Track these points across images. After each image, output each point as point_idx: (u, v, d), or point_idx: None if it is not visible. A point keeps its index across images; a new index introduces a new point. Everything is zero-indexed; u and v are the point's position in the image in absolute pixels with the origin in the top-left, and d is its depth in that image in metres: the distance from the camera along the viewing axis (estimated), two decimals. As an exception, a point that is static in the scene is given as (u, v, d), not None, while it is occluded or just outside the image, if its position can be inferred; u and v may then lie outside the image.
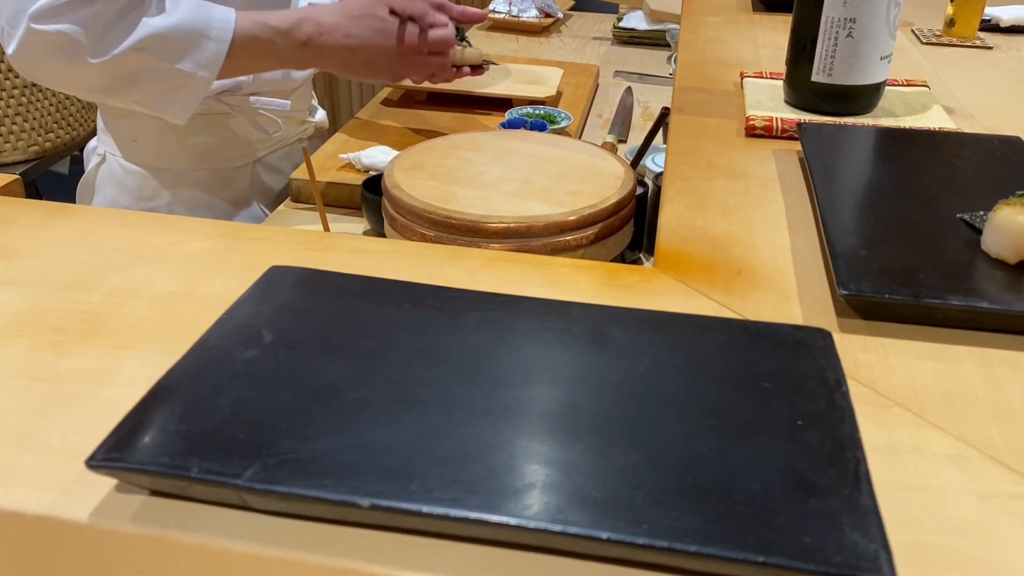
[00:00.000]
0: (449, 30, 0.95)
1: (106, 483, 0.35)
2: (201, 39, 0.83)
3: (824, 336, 0.42)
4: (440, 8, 0.97)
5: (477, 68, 1.07)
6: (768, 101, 0.77)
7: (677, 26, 1.62)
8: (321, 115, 1.20)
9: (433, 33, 0.94)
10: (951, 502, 0.36)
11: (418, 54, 0.94)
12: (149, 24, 0.81)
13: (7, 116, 1.84)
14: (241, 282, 0.46)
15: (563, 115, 1.17)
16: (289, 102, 1.07)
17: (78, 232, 0.56)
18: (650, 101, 1.39)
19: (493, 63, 1.24)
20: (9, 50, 0.80)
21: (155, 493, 0.35)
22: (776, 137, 0.72)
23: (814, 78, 0.74)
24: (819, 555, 0.30)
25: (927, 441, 0.39)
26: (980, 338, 0.46)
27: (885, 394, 0.42)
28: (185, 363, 0.39)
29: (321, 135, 1.22)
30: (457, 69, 1.02)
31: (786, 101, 0.77)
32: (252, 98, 1.04)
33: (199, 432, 0.35)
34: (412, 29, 0.92)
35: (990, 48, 1.02)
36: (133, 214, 0.59)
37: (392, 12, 0.92)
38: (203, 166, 1.05)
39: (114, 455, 0.34)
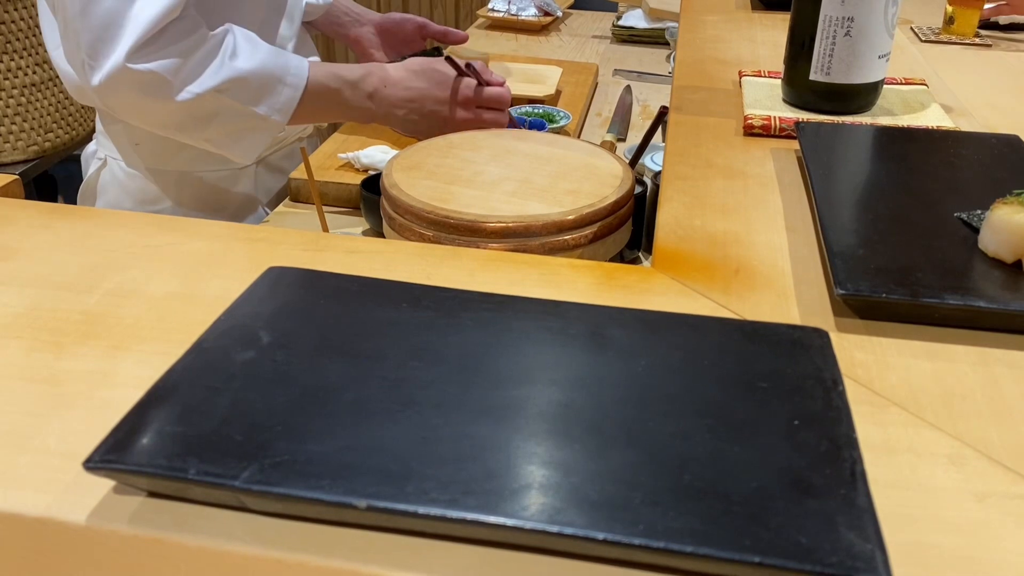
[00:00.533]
0: (505, 88, 0.99)
1: (104, 485, 0.35)
2: (278, 84, 0.87)
3: (821, 336, 0.42)
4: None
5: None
6: (766, 100, 0.77)
7: (676, 24, 1.61)
8: None
9: (489, 90, 0.98)
10: (948, 502, 0.36)
11: (473, 106, 0.98)
12: (232, 67, 0.84)
13: (6, 116, 1.84)
14: (239, 283, 0.46)
15: (562, 114, 1.17)
16: None
17: (76, 233, 0.56)
18: (649, 99, 1.39)
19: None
20: (93, 81, 0.81)
21: (153, 494, 0.35)
22: (774, 136, 0.72)
23: (812, 77, 0.74)
24: (815, 555, 0.30)
25: (924, 441, 0.39)
26: (977, 337, 0.46)
27: (882, 393, 0.42)
28: (183, 364, 0.39)
29: (321, 134, 1.22)
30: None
31: (784, 100, 0.77)
32: None
33: (196, 434, 0.35)
34: (468, 82, 0.96)
35: (989, 46, 1.02)
36: (131, 215, 0.59)
37: (453, 65, 0.96)
38: (205, 168, 1.05)
39: (112, 457, 0.34)
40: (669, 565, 0.31)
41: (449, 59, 0.96)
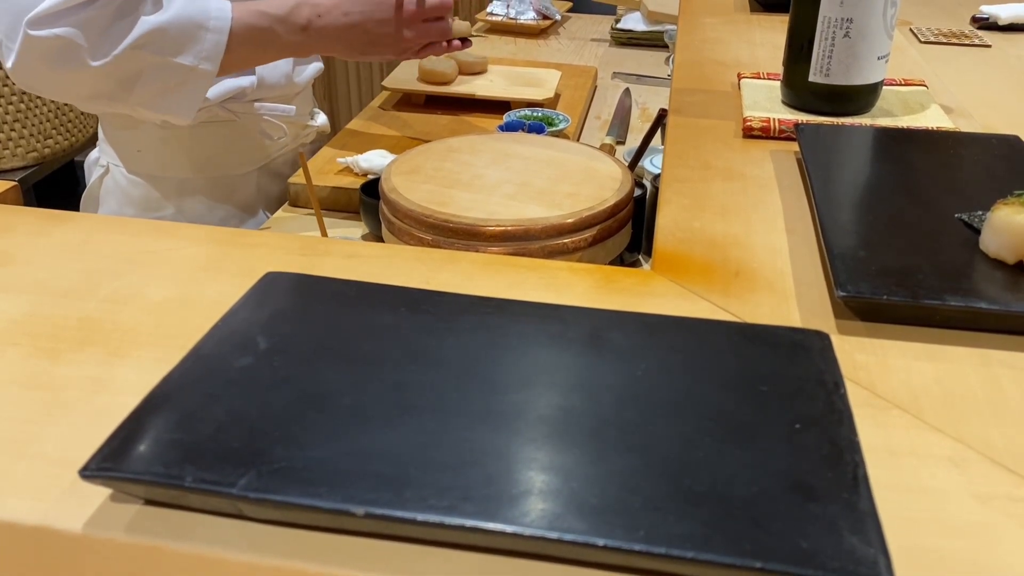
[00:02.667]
0: None
1: (100, 492, 0.35)
2: (200, 31, 0.82)
3: (822, 338, 0.42)
4: None
5: (464, 41, 1.07)
6: (765, 102, 0.77)
7: (675, 27, 1.61)
8: (322, 119, 1.20)
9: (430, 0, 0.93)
10: (950, 504, 0.35)
11: (417, 20, 0.94)
12: (146, 21, 0.80)
13: (5, 123, 1.84)
14: (236, 288, 0.46)
15: (561, 117, 1.17)
16: (294, 107, 1.07)
17: (74, 239, 0.55)
18: (648, 102, 1.39)
19: (479, 34, 1.22)
20: (8, 63, 0.79)
21: (150, 502, 0.34)
22: (774, 138, 0.72)
23: (811, 78, 0.73)
24: (817, 560, 0.30)
25: (926, 443, 0.39)
26: (979, 339, 0.46)
27: (883, 396, 0.42)
28: (180, 371, 0.39)
29: (323, 139, 1.22)
30: (448, 42, 1.02)
31: (783, 102, 0.77)
32: (257, 104, 1.04)
33: (193, 441, 0.35)
34: None
35: (988, 46, 1.01)
36: (129, 221, 0.59)
37: None
38: (208, 174, 1.04)
39: (108, 464, 0.33)
40: (670, 571, 0.31)
41: None
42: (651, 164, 1.04)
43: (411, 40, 0.95)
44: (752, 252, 0.54)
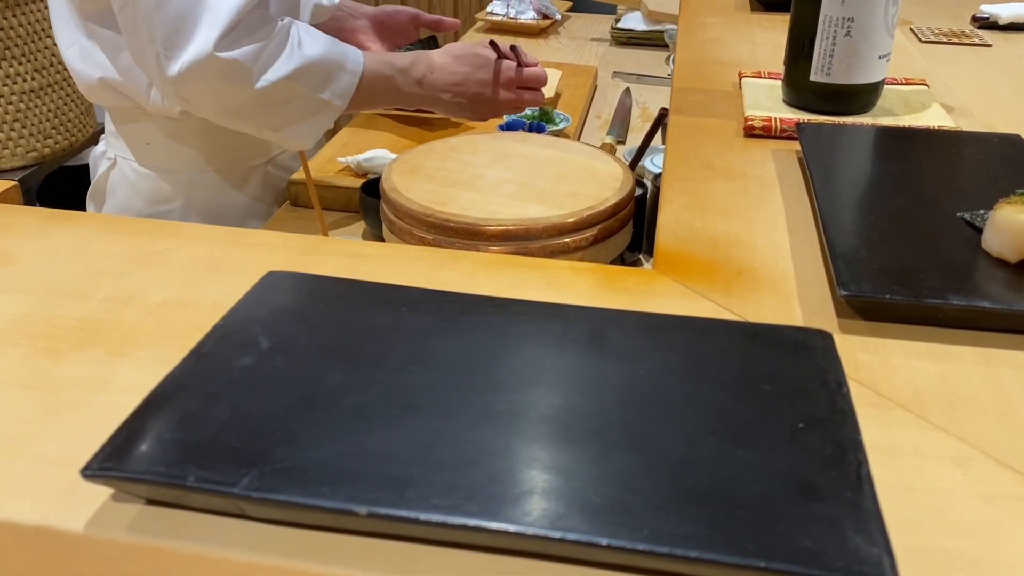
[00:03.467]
0: (541, 69, 1.03)
1: (102, 492, 0.35)
2: (339, 71, 0.90)
3: (824, 337, 0.42)
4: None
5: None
6: (767, 101, 0.77)
7: (675, 27, 1.61)
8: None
9: (528, 70, 1.02)
10: (954, 504, 0.35)
11: (515, 87, 1.01)
12: (302, 54, 0.86)
13: (5, 122, 1.84)
14: (238, 288, 0.46)
15: (561, 116, 1.17)
16: None
17: (74, 239, 0.55)
18: (648, 102, 1.39)
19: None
20: (171, 71, 0.82)
21: (151, 502, 0.34)
22: (775, 137, 0.72)
23: (812, 77, 0.73)
24: (821, 560, 0.30)
25: (929, 443, 0.39)
26: (982, 338, 0.46)
27: (886, 395, 0.42)
28: (181, 370, 0.39)
29: (327, 133, 1.22)
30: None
31: (785, 101, 0.77)
32: None
33: (195, 440, 0.35)
34: (509, 64, 1.00)
35: (989, 46, 1.01)
36: (130, 220, 0.59)
37: (495, 48, 1.00)
38: (217, 166, 1.05)
39: (110, 464, 0.33)
40: (673, 571, 0.31)
41: (492, 43, 1.00)
42: (652, 163, 1.04)
43: (506, 102, 1.02)
44: (754, 251, 0.54)
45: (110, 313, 0.48)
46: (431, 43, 1.19)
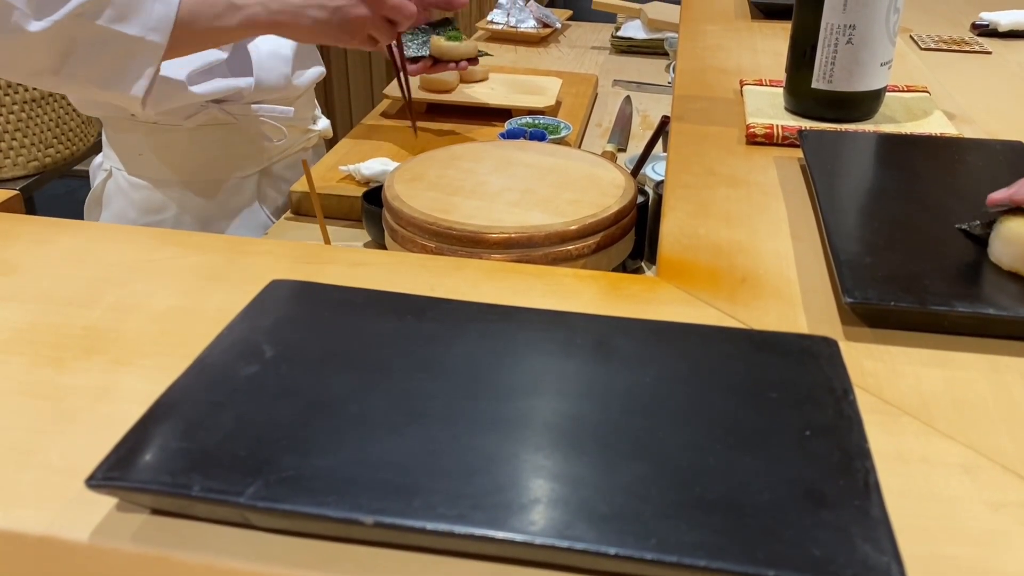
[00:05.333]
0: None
1: (107, 502, 0.35)
2: (145, 1, 0.80)
3: (830, 345, 0.42)
4: None
5: (473, 60, 1.09)
6: (768, 108, 0.77)
7: (675, 35, 1.62)
8: (324, 124, 1.20)
9: None
10: (963, 512, 0.35)
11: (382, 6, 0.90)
12: None
13: (7, 132, 1.84)
14: (241, 296, 0.46)
15: (563, 125, 1.17)
16: (292, 108, 1.07)
17: (78, 248, 0.55)
18: (649, 110, 1.39)
19: (488, 54, 1.24)
20: None
21: (156, 512, 0.34)
22: (777, 144, 0.72)
23: (814, 85, 0.73)
24: (830, 568, 0.30)
25: (937, 450, 0.39)
26: (988, 345, 0.46)
27: (893, 402, 0.42)
28: (185, 379, 0.39)
29: (326, 144, 1.22)
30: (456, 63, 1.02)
31: (786, 108, 0.77)
32: (255, 106, 1.05)
33: (200, 449, 0.34)
34: None
35: (989, 53, 1.02)
36: (132, 229, 0.59)
37: None
38: (209, 177, 1.05)
39: (114, 474, 0.33)
40: (682, 579, 0.31)
41: None
42: (653, 171, 1.04)
43: (376, 20, 0.90)
44: (758, 259, 0.54)
45: (114, 322, 0.47)
46: (448, 25, 1.08)
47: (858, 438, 0.36)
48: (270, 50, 1.04)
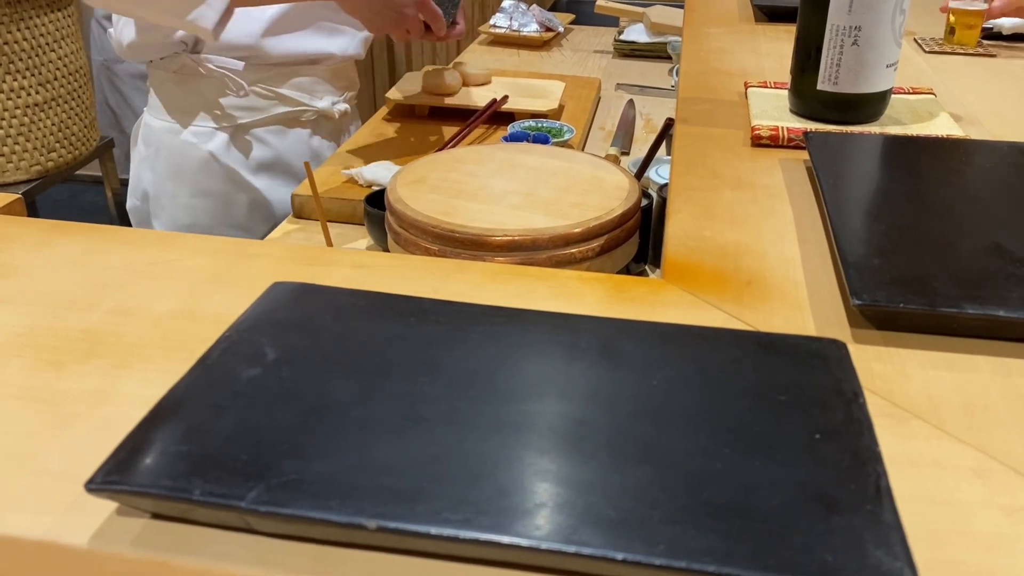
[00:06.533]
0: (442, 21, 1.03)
1: (106, 507, 0.34)
2: None
3: (839, 347, 0.41)
4: None
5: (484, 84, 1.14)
6: (773, 111, 0.77)
7: (678, 38, 1.61)
8: (340, 107, 1.19)
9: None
10: (975, 516, 0.34)
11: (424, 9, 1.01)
12: None
13: (9, 136, 1.84)
14: (243, 299, 0.45)
15: (566, 128, 1.17)
16: (243, 63, 1.11)
17: (78, 250, 0.55)
18: (652, 113, 1.38)
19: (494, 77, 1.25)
20: None
21: (157, 516, 0.34)
22: (782, 146, 0.72)
23: (820, 87, 0.73)
24: (842, 574, 0.29)
25: (948, 454, 0.38)
26: (999, 348, 0.45)
27: (903, 406, 0.41)
28: (186, 382, 0.38)
29: (329, 127, 1.21)
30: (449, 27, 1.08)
31: (791, 110, 0.77)
32: (204, 55, 1.11)
33: (201, 453, 0.34)
34: None
35: (993, 56, 1.01)
36: (133, 232, 0.59)
37: None
38: (191, 123, 1.13)
39: (114, 478, 0.33)
40: (690, 585, 0.30)
41: None
42: (656, 175, 1.03)
43: (412, 20, 1.00)
44: (764, 261, 0.54)
45: (114, 325, 0.47)
46: (451, 4, 1.11)
47: (869, 441, 0.35)
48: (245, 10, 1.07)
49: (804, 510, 0.32)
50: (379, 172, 1.03)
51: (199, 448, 0.34)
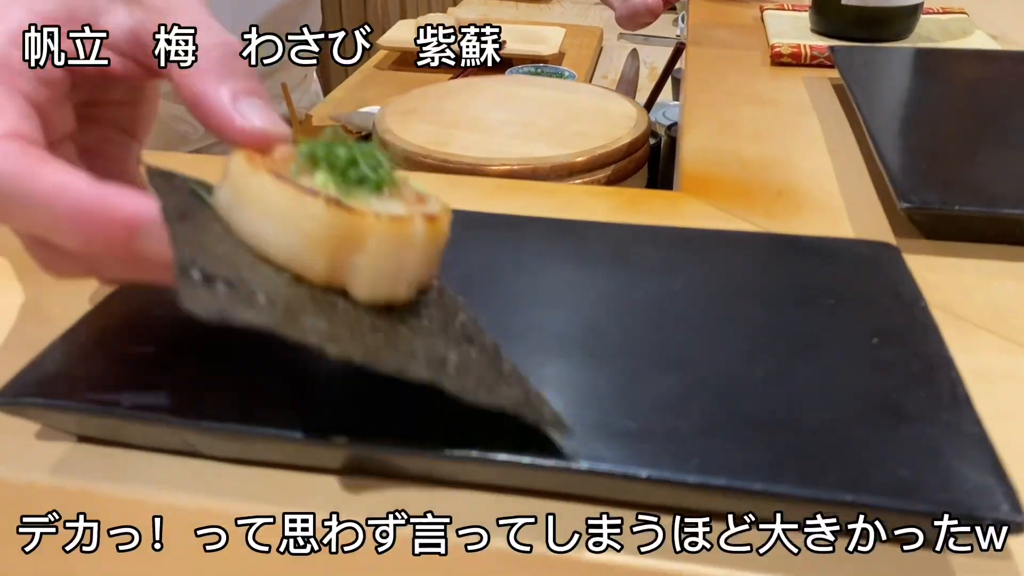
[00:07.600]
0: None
1: (25, 428, 0.28)
2: None
3: (890, 250, 0.36)
4: None
5: None
6: (792, 31, 0.71)
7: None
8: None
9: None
10: (1064, 433, 0.29)
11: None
12: None
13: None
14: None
15: (567, 73, 1.10)
16: None
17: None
18: (656, 62, 1.32)
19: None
20: None
21: (83, 439, 0.28)
22: (805, 65, 0.66)
23: (845, 1, 0.67)
24: (922, 492, 0.23)
25: (1022, 367, 0.32)
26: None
27: (965, 317, 0.35)
28: (126, 289, 0.32)
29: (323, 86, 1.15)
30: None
31: (813, 30, 0.71)
32: None
33: (136, 362, 0.28)
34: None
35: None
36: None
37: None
38: None
39: (30, 390, 0.27)
40: (731, 510, 0.24)
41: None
42: (663, 116, 0.97)
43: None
44: (794, 172, 0.48)
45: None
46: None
47: (936, 345, 0.29)
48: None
49: (866, 421, 0.26)
50: (370, 117, 0.97)
51: (134, 357, 0.28)
